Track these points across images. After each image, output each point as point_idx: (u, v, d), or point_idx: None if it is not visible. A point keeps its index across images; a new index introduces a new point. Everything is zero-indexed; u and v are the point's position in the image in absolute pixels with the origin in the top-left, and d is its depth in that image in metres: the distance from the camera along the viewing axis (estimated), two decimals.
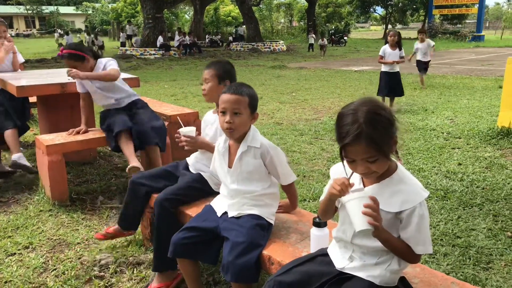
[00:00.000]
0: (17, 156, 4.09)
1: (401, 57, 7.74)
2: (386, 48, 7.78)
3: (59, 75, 4.92)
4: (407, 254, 1.52)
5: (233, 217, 2.14)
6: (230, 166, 2.17)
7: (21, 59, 5.22)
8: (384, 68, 7.87)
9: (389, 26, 48.45)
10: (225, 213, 2.19)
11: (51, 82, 4.23)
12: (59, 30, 36.79)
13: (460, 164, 4.64)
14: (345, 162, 1.53)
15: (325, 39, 22.80)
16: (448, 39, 35.51)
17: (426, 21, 42.01)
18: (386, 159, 1.47)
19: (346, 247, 1.64)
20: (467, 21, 44.58)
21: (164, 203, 2.43)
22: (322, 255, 1.74)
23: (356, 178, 1.60)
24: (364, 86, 11.01)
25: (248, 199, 2.14)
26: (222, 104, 2.08)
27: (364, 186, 1.58)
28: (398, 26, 52.70)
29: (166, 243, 2.35)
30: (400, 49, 7.73)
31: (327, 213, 1.71)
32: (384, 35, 43.88)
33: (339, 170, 1.65)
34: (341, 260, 1.65)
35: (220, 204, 2.25)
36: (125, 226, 2.78)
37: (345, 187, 1.49)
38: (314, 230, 1.88)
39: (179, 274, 2.51)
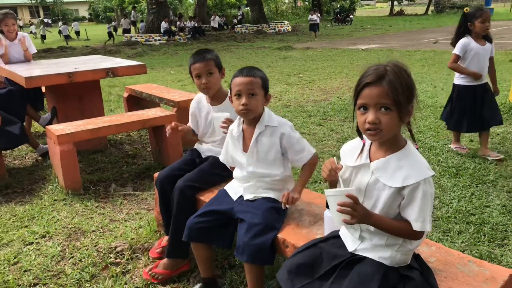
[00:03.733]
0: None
1: (491, 58, 4.18)
2: (469, 43, 4.06)
3: (66, 65, 4.92)
4: (406, 232, 1.51)
5: (248, 200, 2.15)
6: (245, 150, 2.17)
7: (33, 49, 5.32)
8: (461, 79, 4.24)
9: (395, 3, 47.61)
10: (240, 197, 2.20)
11: (58, 72, 4.23)
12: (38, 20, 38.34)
13: (471, 140, 4.59)
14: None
15: (314, 14, 21.38)
16: (456, 14, 34.87)
17: None
18: (397, 117, 1.45)
19: (353, 227, 1.64)
20: None
21: (186, 190, 2.43)
22: (334, 237, 1.75)
23: (363, 154, 1.60)
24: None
25: (263, 182, 2.15)
26: (236, 87, 2.10)
27: (371, 161, 1.57)
28: (404, 2, 51.77)
29: (183, 230, 2.39)
30: (490, 42, 4.14)
31: None
32: (391, 11, 43.14)
33: (348, 147, 1.67)
34: (352, 242, 1.65)
35: (235, 188, 2.26)
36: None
37: (333, 172, 1.58)
38: (327, 212, 1.87)
39: (188, 263, 2.54)
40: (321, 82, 8.76)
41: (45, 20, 39.03)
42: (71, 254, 2.77)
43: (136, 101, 5.57)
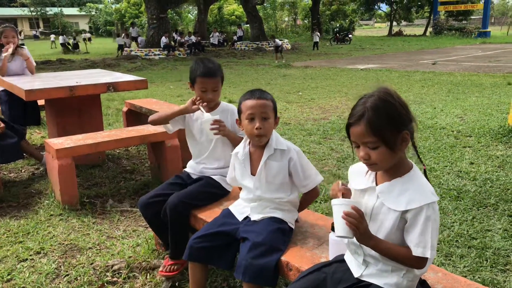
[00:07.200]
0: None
1: None
2: None
3: (66, 78, 4.91)
4: (406, 259, 1.48)
5: (255, 221, 2.12)
6: (253, 173, 2.14)
7: (33, 62, 5.32)
8: None
9: (394, 23, 48.23)
10: (246, 217, 2.17)
11: (59, 85, 4.21)
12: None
13: (472, 163, 4.58)
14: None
15: (277, 40, 20.66)
16: (453, 36, 35.34)
17: (431, 17, 41.84)
18: (388, 150, 1.45)
19: (357, 252, 1.61)
20: (472, 17, 44.37)
21: (179, 207, 2.42)
22: (339, 261, 1.72)
23: (369, 177, 1.59)
24: (371, 84, 10.91)
25: (271, 202, 2.12)
26: (249, 110, 2.06)
27: (377, 185, 1.56)
28: (403, 23, 52.45)
29: (180, 239, 2.45)
30: None
31: None
32: (389, 32, 43.75)
33: (355, 170, 1.67)
34: (357, 267, 1.62)
35: (241, 209, 2.22)
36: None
37: (337, 192, 1.61)
38: (332, 235, 1.83)
39: None
40: (321, 100, 8.78)
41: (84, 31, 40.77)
42: (67, 271, 2.71)
43: (135, 116, 5.54)
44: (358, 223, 1.44)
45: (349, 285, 1.58)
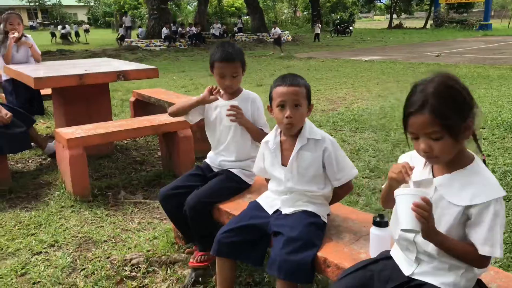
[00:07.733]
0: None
1: None
2: None
3: (73, 66, 4.78)
4: (471, 258, 1.37)
5: (286, 214, 2.01)
6: (284, 164, 2.03)
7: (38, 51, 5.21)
8: None
9: (394, 16, 47.97)
10: (277, 211, 2.06)
11: (68, 74, 4.09)
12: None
13: (489, 155, 4.48)
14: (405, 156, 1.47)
15: (277, 29, 20.96)
16: (455, 28, 35.15)
17: (432, 10, 41.62)
18: (452, 141, 1.33)
19: (409, 249, 1.50)
20: (472, 10, 44.15)
21: (197, 206, 2.32)
22: (385, 258, 1.61)
23: (426, 168, 1.47)
24: (376, 76, 10.81)
25: (303, 195, 2.01)
26: (280, 97, 1.93)
27: (434, 177, 1.44)
28: (403, 15, 52.18)
29: (206, 234, 2.37)
30: None
31: (388, 201, 1.56)
32: (389, 24, 43.52)
33: (408, 159, 1.54)
34: (407, 264, 1.51)
35: (271, 201, 2.11)
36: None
37: (404, 172, 1.42)
38: (374, 230, 1.73)
39: None
40: (327, 92, 8.65)
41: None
42: (83, 265, 2.61)
43: (142, 106, 5.43)
44: (428, 216, 1.32)
45: (398, 284, 1.48)
